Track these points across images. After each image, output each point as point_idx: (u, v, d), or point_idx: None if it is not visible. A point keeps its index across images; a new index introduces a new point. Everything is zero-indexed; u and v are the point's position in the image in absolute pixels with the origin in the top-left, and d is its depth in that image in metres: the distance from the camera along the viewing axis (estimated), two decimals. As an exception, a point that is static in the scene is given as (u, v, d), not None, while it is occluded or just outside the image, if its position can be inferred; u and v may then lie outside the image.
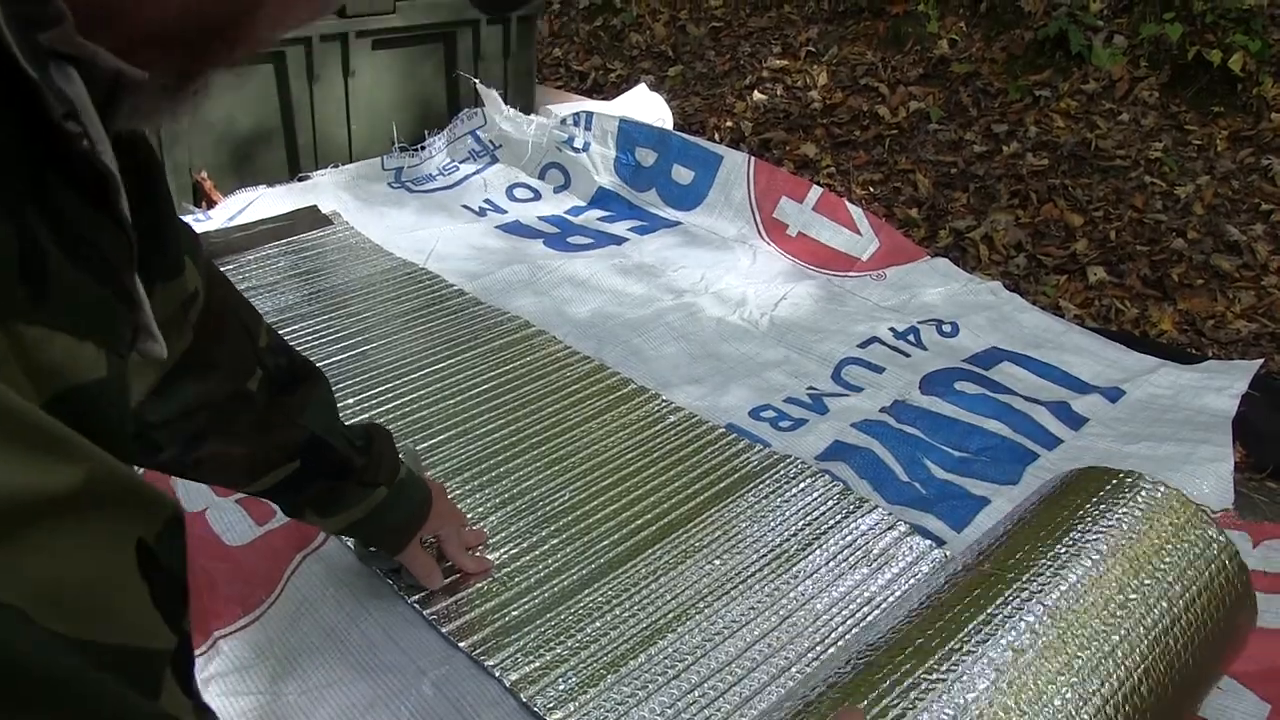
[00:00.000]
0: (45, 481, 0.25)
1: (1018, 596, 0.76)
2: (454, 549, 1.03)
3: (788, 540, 1.10)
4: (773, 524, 1.12)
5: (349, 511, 0.89)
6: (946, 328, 1.62)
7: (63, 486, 0.26)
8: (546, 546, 1.09)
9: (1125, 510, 0.84)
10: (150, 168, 0.53)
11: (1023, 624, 0.73)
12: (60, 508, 0.26)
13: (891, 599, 1.02)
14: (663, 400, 1.36)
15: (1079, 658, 0.71)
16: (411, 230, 1.90)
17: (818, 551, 1.08)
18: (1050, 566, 0.78)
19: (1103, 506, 0.84)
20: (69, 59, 0.32)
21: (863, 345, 1.57)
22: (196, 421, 0.74)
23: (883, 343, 1.57)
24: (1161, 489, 0.86)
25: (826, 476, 1.20)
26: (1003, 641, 0.72)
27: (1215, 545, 0.83)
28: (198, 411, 0.74)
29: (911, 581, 1.05)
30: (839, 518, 1.13)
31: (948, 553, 1.09)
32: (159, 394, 0.69)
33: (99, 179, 0.33)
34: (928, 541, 1.11)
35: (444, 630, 0.97)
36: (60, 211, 0.32)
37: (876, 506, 1.15)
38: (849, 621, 1.00)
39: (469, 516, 1.11)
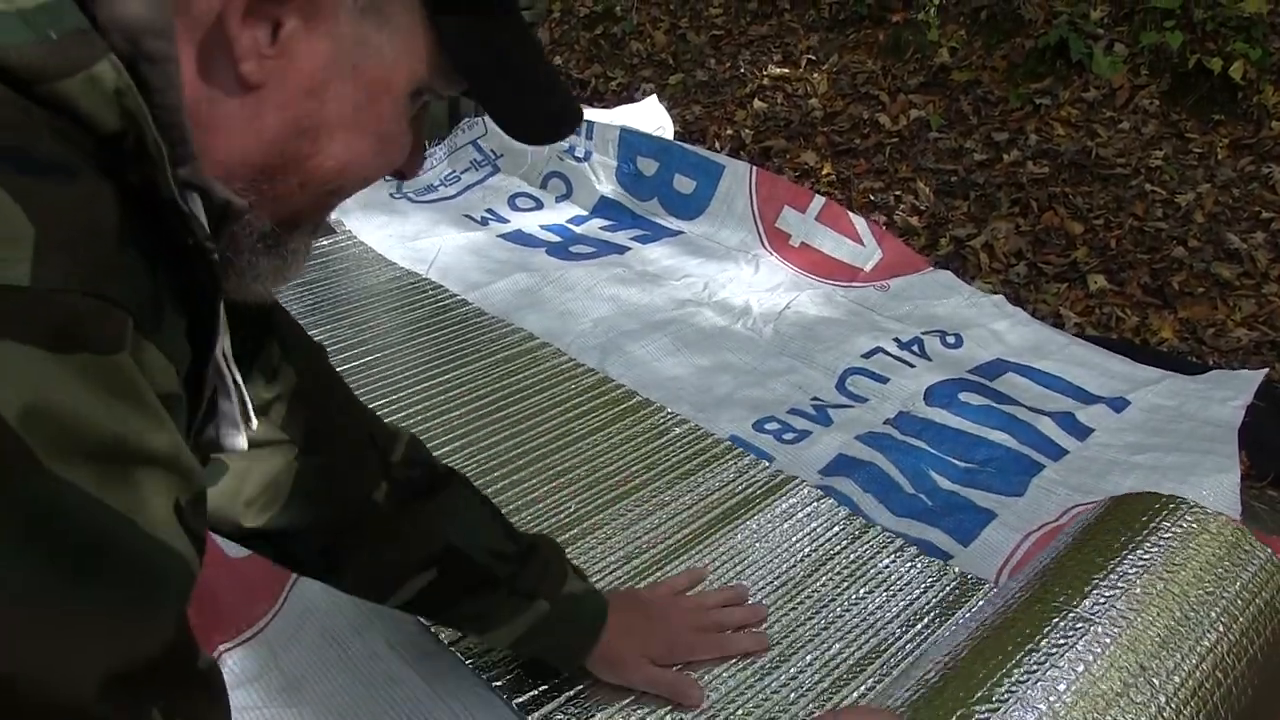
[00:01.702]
0: (153, 440, 0.38)
1: (1066, 622, 0.74)
2: (650, 675, 0.91)
3: (795, 565, 1.09)
4: (779, 548, 1.12)
5: (508, 627, 0.83)
6: (950, 338, 1.62)
7: (160, 446, 0.39)
8: (552, 560, 1.08)
9: (1170, 535, 0.81)
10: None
11: (1073, 653, 0.71)
12: (154, 460, 0.38)
13: (899, 619, 1.02)
14: (667, 413, 1.36)
15: (1133, 686, 0.69)
16: (414, 240, 1.90)
17: (825, 575, 1.08)
18: (1097, 592, 0.76)
19: (1145, 532, 0.82)
20: (194, 188, 0.44)
21: (867, 356, 1.56)
22: (320, 534, 0.76)
23: (887, 353, 1.57)
24: (1204, 512, 0.85)
25: (832, 500, 1.19)
26: (1052, 672, 0.70)
27: (1270, 565, 0.81)
28: (317, 526, 0.76)
29: (922, 602, 1.04)
30: (846, 541, 1.13)
31: (956, 569, 1.09)
32: (275, 505, 0.73)
33: (214, 279, 0.44)
34: (936, 561, 1.10)
35: (449, 646, 0.96)
36: (178, 286, 0.42)
37: (882, 530, 1.15)
38: (859, 647, 0.99)
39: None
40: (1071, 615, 0.75)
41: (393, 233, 1.92)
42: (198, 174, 0.43)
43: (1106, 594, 0.77)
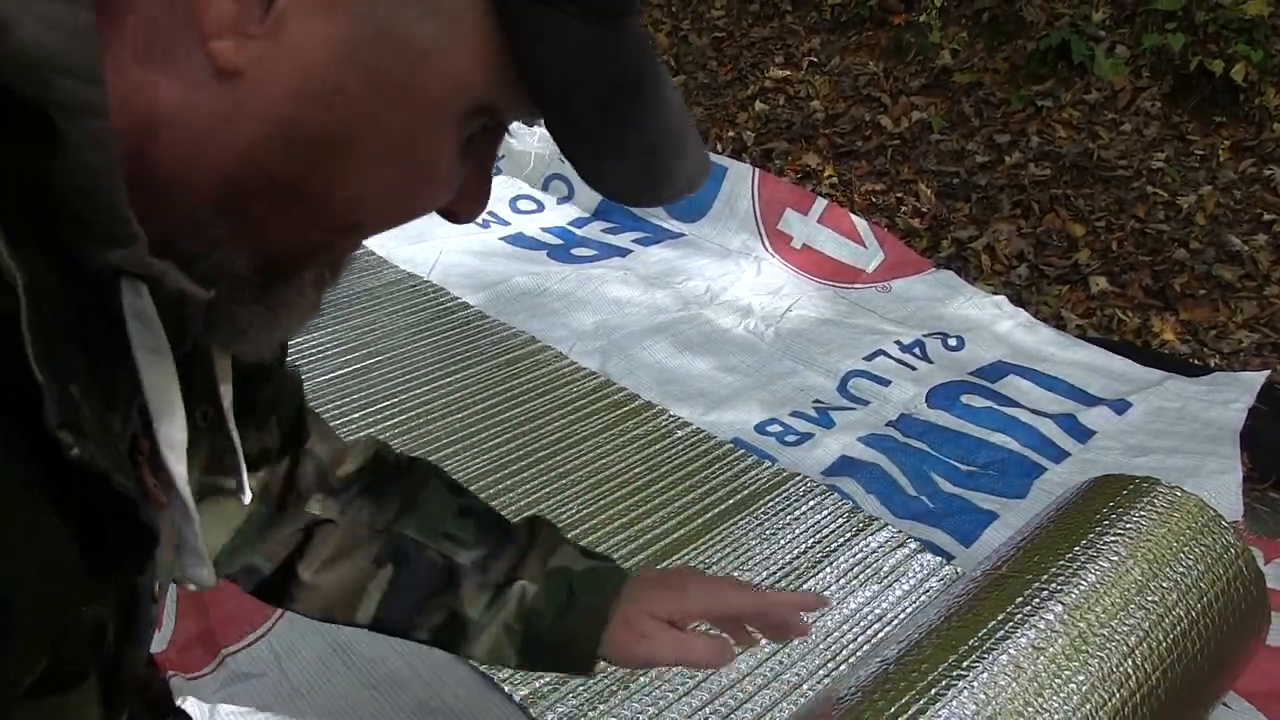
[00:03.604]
0: None
1: (1037, 596, 0.74)
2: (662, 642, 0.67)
3: (798, 558, 1.10)
4: (782, 542, 1.12)
5: (491, 630, 0.67)
6: (952, 341, 1.62)
7: None
8: (554, 562, 1.08)
9: (1143, 514, 0.83)
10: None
11: (1042, 622, 0.72)
12: None
13: (903, 615, 1.02)
14: (669, 415, 1.36)
15: (1098, 657, 0.70)
16: (415, 242, 1.90)
17: (828, 569, 1.08)
18: (1069, 568, 0.77)
19: (1120, 510, 0.83)
20: (139, 276, 0.34)
21: (869, 358, 1.56)
22: (270, 566, 0.66)
23: (889, 356, 1.57)
24: (1178, 493, 0.86)
25: (835, 495, 1.19)
26: (1022, 640, 0.71)
27: (1233, 550, 0.82)
28: (261, 563, 0.66)
29: (923, 597, 1.05)
30: (848, 535, 1.13)
31: (958, 568, 1.09)
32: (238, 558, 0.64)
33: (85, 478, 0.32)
34: (937, 558, 1.10)
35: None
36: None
37: (886, 524, 1.15)
38: (860, 638, 0.99)
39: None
40: (1030, 590, 0.76)
41: (393, 235, 1.92)
42: (141, 259, 0.33)
43: (1069, 567, 0.78)
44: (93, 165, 0.31)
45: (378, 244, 1.86)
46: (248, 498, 0.48)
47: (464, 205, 0.42)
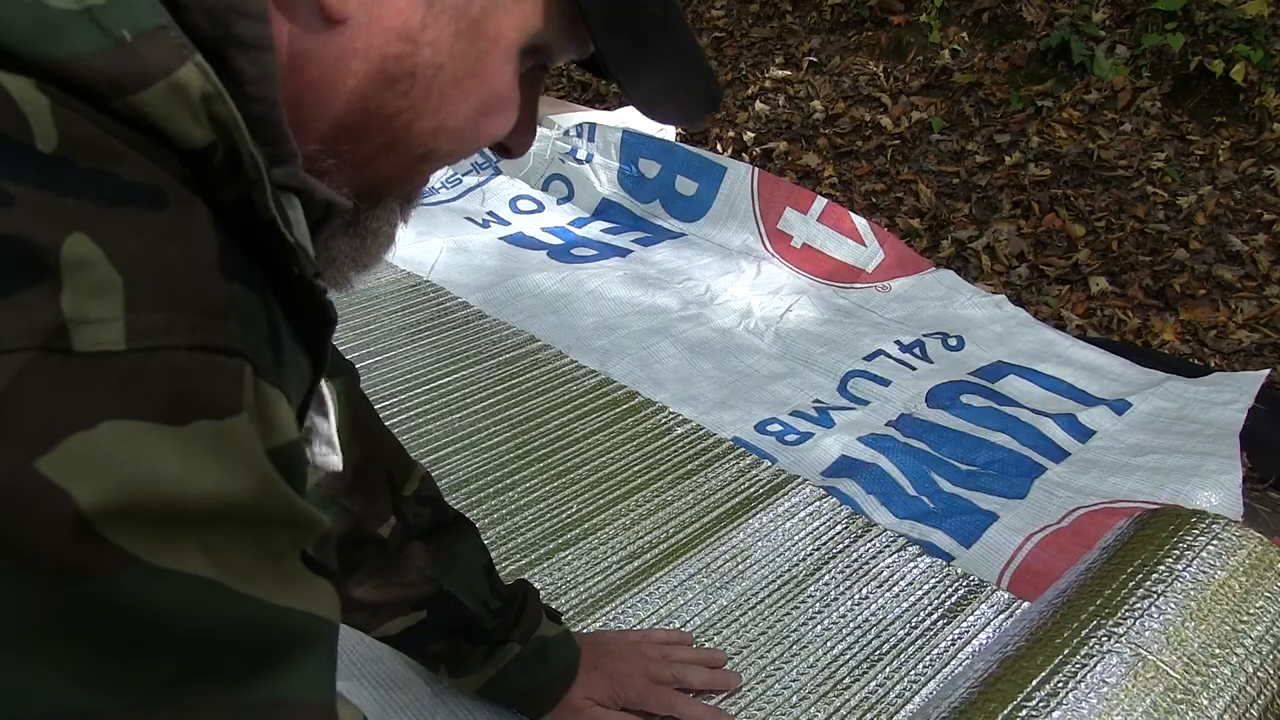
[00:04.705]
0: (288, 509, 0.34)
1: (1107, 635, 0.71)
2: (655, 699, 0.88)
3: (797, 565, 1.09)
4: (782, 548, 1.12)
5: (480, 673, 0.83)
6: (952, 341, 1.62)
7: (279, 507, 0.34)
8: (554, 560, 1.08)
9: (1207, 552, 0.79)
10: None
11: (1115, 659, 0.69)
12: (271, 519, 0.34)
13: (903, 617, 1.02)
14: (669, 413, 1.36)
15: (1169, 708, 0.67)
16: (414, 242, 1.90)
17: (828, 575, 1.08)
18: (1139, 608, 0.74)
19: (1182, 547, 0.80)
20: (294, 190, 0.39)
21: (869, 358, 1.56)
22: None
23: (889, 356, 1.57)
24: (1235, 527, 0.83)
25: (834, 499, 1.19)
26: (1077, 692, 0.68)
27: None
28: None
29: (925, 603, 1.04)
30: (848, 541, 1.13)
31: (958, 569, 1.09)
32: None
33: (322, 311, 0.41)
34: (938, 561, 1.10)
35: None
36: (289, 311, 0.38)
37: (885, 529, 1.15)
38: (860, 640, 0.99)
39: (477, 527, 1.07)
40: (1102, 633, 0.72)
41: (395, 235, 1.92)
42: (297, 175, 0.38)
43: (1138, 611, 0.74)
44: (266, 96, 0.36)
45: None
46: (338, 461, 0.50)
47: (517, 140, 0.47)
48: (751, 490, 1.21)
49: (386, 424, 0.80)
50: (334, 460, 0.48)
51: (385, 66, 0.39)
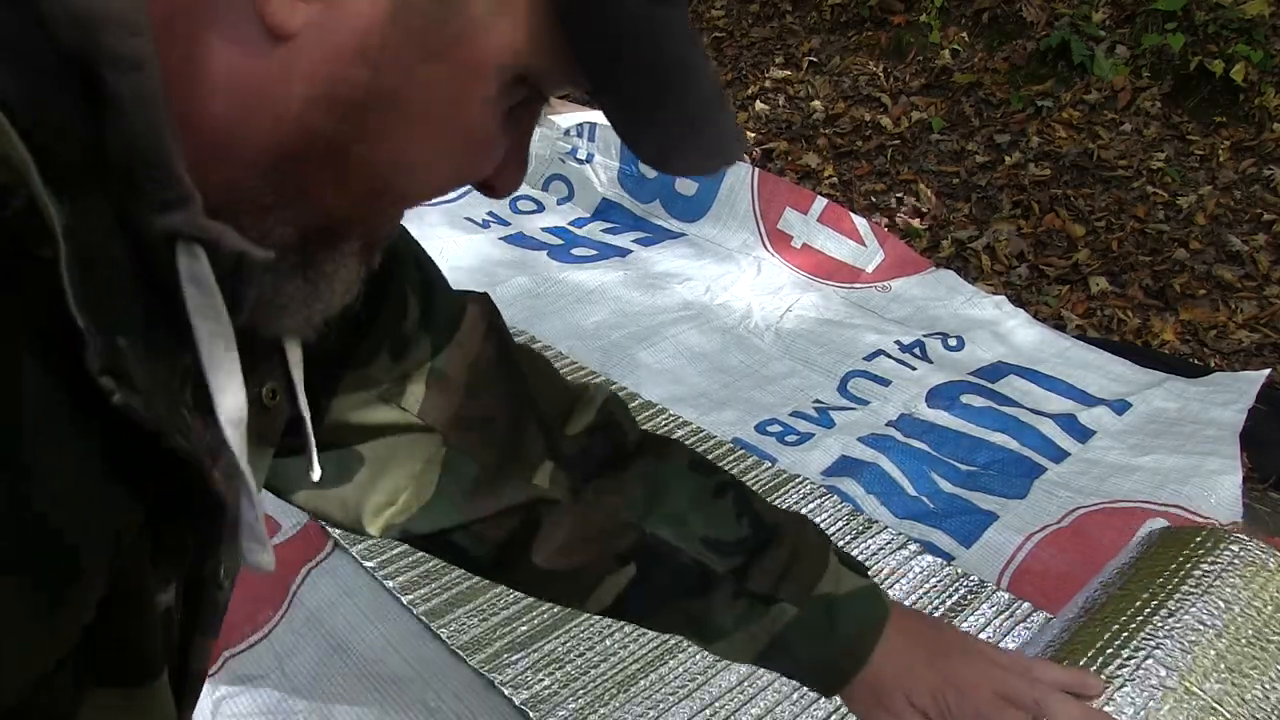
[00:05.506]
0: None
1: (1136, 655, 0.69)
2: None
3: None
4: None
5: (739, 638, 0.63)
6: (952, 341, 1.62)
7: None
8: (554, 562, 1.08)
9: (1228, 572, 0.76)
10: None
11: (1154, 679, 0.66)
12: None
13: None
14: (670, 414, 1.36)
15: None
16: (416, 242, 1.90)
17: None
18: (1162, 629, 0.71)
19: (1204, 567, 0.77)
20: (196, 240, 0.32)
21: (869, 358, 1.56)
22: (483, 531, 0.61)
23: (889, 356, 1.57)
24: (1253, 543, 0.82)
25: (835, 497, 1.19)
26: (1133, 694, 0.65)
27: None
28: (474, 524, 0.60)
29: (926, 600, 1.04)
30: (849, 538, 1.13)
31: (959, 569, 1.09)
32: (414, 507, 0.59)
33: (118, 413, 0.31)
34: (938, 559, 1.10)
35: (452, 644, 0.96)
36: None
37: (886, 527, 1.15)
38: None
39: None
40: (1125, 652, 0.69)
41: (395, 235, 1.92)
42: (196, 222, 0.32)
43: (1162, 629, 0.71)
44: (144, 123, 0.30)
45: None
46: (316, 474, 0.47)
47: (503, 178, 0.41)
48: (753, 488, 1.21)
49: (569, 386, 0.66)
50: (264, 559, 0.41)
51: (334, 91, 0.33)
